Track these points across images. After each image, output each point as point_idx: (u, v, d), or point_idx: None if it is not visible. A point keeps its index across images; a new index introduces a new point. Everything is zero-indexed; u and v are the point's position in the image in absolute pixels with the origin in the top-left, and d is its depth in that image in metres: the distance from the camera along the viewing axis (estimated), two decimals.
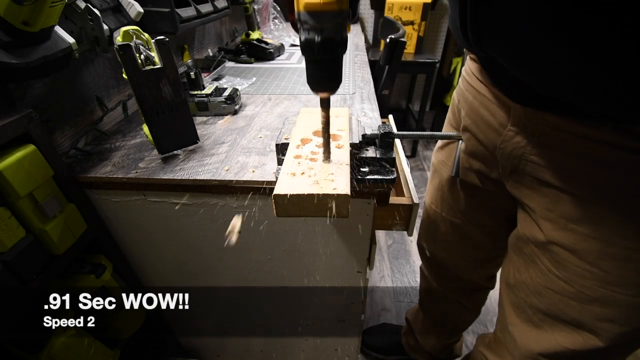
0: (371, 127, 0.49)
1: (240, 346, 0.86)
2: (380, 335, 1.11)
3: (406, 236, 1.65)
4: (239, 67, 1.07)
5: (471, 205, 0.64)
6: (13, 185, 0.40)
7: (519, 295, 0.54)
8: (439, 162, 0.67)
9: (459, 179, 0.61)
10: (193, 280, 0.68)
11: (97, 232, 0.56)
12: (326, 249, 0.58)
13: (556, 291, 0.48)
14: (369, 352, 1.09)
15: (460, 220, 0.67)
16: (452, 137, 0.47)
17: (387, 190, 0.48)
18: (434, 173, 0.71)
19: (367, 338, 1.10)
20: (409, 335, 1.01)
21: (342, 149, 0.42)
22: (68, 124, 0.57)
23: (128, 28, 0.48)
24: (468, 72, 0.55)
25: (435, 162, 0.70)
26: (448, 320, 0.88)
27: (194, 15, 0.82)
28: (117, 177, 0.51)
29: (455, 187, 0.64)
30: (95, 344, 0.58)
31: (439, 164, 0.68)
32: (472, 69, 0.54)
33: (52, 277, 0.48)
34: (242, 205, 0.53)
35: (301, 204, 0.35)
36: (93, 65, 0.62)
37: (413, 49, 2.04)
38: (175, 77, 0.50)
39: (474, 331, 1.22)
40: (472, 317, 0.87)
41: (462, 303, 0.82)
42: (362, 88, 0.84)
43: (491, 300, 0.99)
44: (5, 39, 0.39)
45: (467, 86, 0.55)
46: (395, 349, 1.06)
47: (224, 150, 0.57)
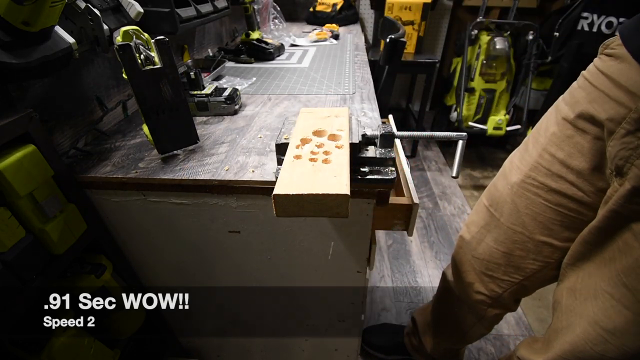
0: (371, 127, 0.49)
1: (240, 346, 0.86)
2: (381, 334, 1.12)
3: (406, 236, 1.65)
4: (239, 67, 1.07)
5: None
6: (13, 185, 0.40)
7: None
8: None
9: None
10: (193, 280, 0.68)
11: (97, 232, 0.56)
12: (326, 249, 0.58)
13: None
14: (370, 351, 1.10)
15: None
16: (452, 138, 0.47)
17: (387, 190, 0.48)
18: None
19: (367, 337, 1.11)
20: (412, 335, 1.01)
21: (342, 149, 0.42)
22: (68, 124, 0.57)
23: (128, 28, 0.48)
24: (591, 72, 0.56)
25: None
26: (458, 329, 0.87)
27: (194, 15, 0.82)
28: (117, 177, 0.51)
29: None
30: (95, 344, 0.58)
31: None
32: (598, 66, 0.54)
33: (52, 277, 0.48)
34: (242, 205, 0.53)
35: (301, 204, 0.35)
36: (93, 65, 0.62)
37: (413, 49, 2.04)
38: (175, 77, 0.50)
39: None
40: (484, 332, 0.85)
41: (480, 315, 0.80)
42: (362, 88, 0.84)
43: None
44: (5, 39, 0.39)
45: (586, 84, 0.56)
46: (396, 348, 1.07)
47: (224, 150, 0.57)
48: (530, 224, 0.65)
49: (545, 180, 0.62)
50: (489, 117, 2.00)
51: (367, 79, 0.92)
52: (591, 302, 0.56)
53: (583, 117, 0.55)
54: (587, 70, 0.58)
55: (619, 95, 0.49)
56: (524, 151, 0.67)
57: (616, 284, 0.51)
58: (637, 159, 0.46)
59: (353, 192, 0.39)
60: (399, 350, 1.07)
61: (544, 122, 0.65)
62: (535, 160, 0.63)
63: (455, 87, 2.11)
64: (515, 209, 0.66)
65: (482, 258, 0.74)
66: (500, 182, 0.71)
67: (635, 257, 0.49)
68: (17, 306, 0.43)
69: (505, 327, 1.22)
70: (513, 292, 0.73)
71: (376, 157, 0.45)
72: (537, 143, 0.65)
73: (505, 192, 0.68)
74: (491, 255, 0.72)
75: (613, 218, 0.51)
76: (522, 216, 0.65)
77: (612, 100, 0.51)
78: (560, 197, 0.60)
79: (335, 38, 1.48)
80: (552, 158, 0.61)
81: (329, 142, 0.43)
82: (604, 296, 0.53)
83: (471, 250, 0.76)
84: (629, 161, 0.47)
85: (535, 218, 0.64)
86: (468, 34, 1.93)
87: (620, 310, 0.51)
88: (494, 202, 0.71)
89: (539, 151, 0.63)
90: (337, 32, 1.52)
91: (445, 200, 1.89)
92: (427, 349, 0.96)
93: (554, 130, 0.61)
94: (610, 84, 0.51)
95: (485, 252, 0.73)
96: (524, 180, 0.65)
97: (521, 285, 0.71)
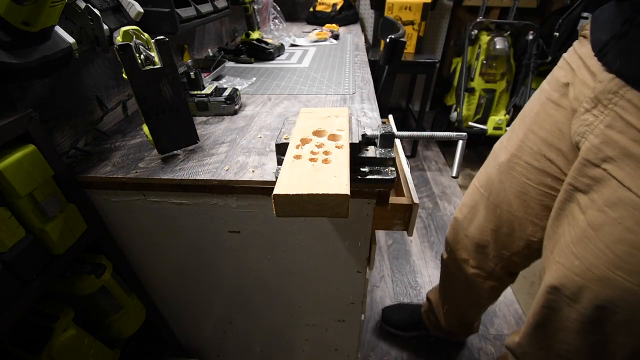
0: (371, 127, 0.49)
1: (240, 346, 0.86)
2: (398, 312, 1.20)
3: (406, 236, 1.65)
4: (239, 67, 1.07)
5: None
6: (13, 185, 0.40)
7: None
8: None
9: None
10: (193, 280, 0.68)
11: (97, 232, 0.56)
12: (326, 249, 0.58)
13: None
14: (388, 329, 1.19)
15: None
16: (452, 138, 0.47)
17: (387, 190, 0.48)
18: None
19: (386, 315, 1.21)
20: (430, 313, 1.09)
21: (342, 149, 0.42)
22: (68, 124, 0.57)
23: (128, 28, 0.48)
24: (570, 52, 0.59)
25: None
26: (462, 304, 0.94)
27: (194, 15, 0.82)
28: (117, 177, 0.51)
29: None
30: (95, 344, 0.58)
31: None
32: (575, 46, 0.58)
33: (52, 277, 0.48)
34: (242, 205, 0.53)
35: (301, 204, 0.35)
36: (93, 65, 0.62)
37: (413, 49, 2.04)
38: (175, 77, 0.50)
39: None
40: (486, 303, 0.90)
41: (478, 288, 0.85)
42: (362, 88, 0.84)
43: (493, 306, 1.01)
44: (5, 39, 0.39)
45: (566, 65, 0.59)
46: (413, 325, 1.16)
47: (224, 150, 0.57)
48: (514, 202, 0.68)
49: (528, 160, 0.65)
50: (489, 117, 2.00)
51: (367, 79, 0.92)
52: (547, 274, 0.59)
53: (562, 96, 0.58)
54: (567, 51, 0.61)
55: (585, 75, 0.52)
56: (512, 132, 0.71)
57: (566, 255, 0.54)
58: (590, 134, 0.49)
59: (353, 192, 0.39)
60: (416, 326, 1.15)
61: (530, 104, 0.69)
62: (521, 140, 0.66)
63: (455, 87, 2.11)
64: (502, 187, 0.70)
65: (473, 236, 0.79)
66: (490, 163, 0.75)
67: (582, 227, 0.51)
68: (17, 306, 0.43)
69: (505, 327, 1.22)
70: (504, 266, 0.77)
71: (376, 157, 0.45)
72: (523, 123, 0.68)
73: (494, 172, 0.72)
74: (481, 233, 0.77)
75: (568, 191, 0.54)
76: (508, 195, 0.69)
77: (579, 80, 0.54)
78: (541, 175, 0.63)
79: (335, 38, 1.48)
80: (535, 137, 0.64)
81: (329, 142, 0.43)
82: (557, 265, 0.56)
83: (463, 230, 0.81)
84: (584, 136, 0.50)
85: (519, 197, 0.67)
86: (468, 34, 1.93)
87: (571, 279, 0.54)
88: (484, 183, 0.75)
89: (524, 131, 0.66)
90: (337, 32, 1.52)
91: (445, 200, 1.89)
92: (443, 324, 1.03)
93: (537, 110, 0.64)
94: (580, 64, 0.54)
95: (476, 231, 0.78)
96: (510, 159, 0.68)
97: (511, 260, 0.75)
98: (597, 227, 0.49)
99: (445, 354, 1.14)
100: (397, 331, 1.18)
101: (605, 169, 0.47)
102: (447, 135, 0.45)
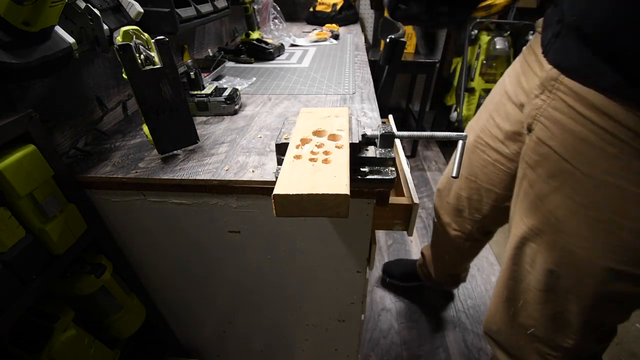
0: (371, 127, 0.49)
1: (240, 346, 0.86)
2: (398, 266, 1.40)
3: (406, 236, 1.66)
4: (239, 67, 1.07)
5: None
6: (13, 185, 0.40)
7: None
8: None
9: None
10: (193, 280, 0.68)
11: (97, 232, 0.56)
12: (326, 249, 0.58)
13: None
14: (389, 280, 1.38)
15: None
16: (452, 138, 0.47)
17: (387, 190, 0.48)
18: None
19: (387, 269, 1.40)
20: (423, 266, 1.26)
21: (341, 149, 0.42)
22: (68, 124, 0.57)
23: (128, 28, 0.48)
24: (526, 47, 0.68)
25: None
26: (449, 259, 1.11)
27: (194, 15, 0.82)
28: (117, 177, 0.51)
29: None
30: (95, 344, 0.58)
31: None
32: (530, 41, 0.67)
33: (52, 277, 0.48)
34: (242, 205, 0.53)
35: (301, 204, 0.35)
36: (93, 65, 0.62)
37: (413, 49, 2.04)
38: (175, 77, 0.50)
39: (474, 331, 1.22)
40: (468, 258, 1.10)
41: (460, 247, 1.01)
42: (362, 88, 0.84)
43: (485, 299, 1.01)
44: (5, 39, 0.39)
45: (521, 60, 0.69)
46: (410, 276, 1.35)
47: (224, 150, 0.57)
48: (479, 174, 0.82)
49: (488, 140, 0.78)
50: None
51: (367, 79, 0.92)
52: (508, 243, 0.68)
53: (516, 89, 0.68)
54: (526, 45, 0.69)
55: (535, 67, 0.61)
56: (479, 115, 0.84)
57: (520, 226, 0.63)
58: (541, 116, 0.56)
59: (353, 192, 0.39)
60: (413, 278, 1.34)
61: (494, 91, 0.80)
62: (484, 123, 0.80)
63: (455, 87, 2.11)
64: (470, 163, 0.84)
65: (452, 203, 0.94)
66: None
67: (531, 199, 0.60)
68: (17, 306, 0.43)
69: None
70: (479, 228, 0.92)
71: (376, 157, 0.45)
72: (486, 109, 0.81)
73: (467, 149, 0.86)
74: (458, 200, 0.92)
75: (523, 168, 0.63)
76: (475, 168, 0.83)
77: (532, 71, 0.62)
78: (496, 154, 0.76)
79: (335, 38, 1.48)
80: (493, 122, 0.76)
81: (329, 142, 0.43)
82: (513, 237, 0.65)
83: (445, 197, 0.97)
84: (536, 119, 0.57)
85: (482, 170, 0.81)
86: (468, 34, 1.93)
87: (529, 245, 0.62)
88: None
89: (486, 116, 0.79)
90: (337, 32, 1.52)
91: None
92: (433, 276, 1.20)
93: (497, 99, 0.76)
94: (533, 57, 0.63)
95: (454, 198, 0.93)
96: (476, 139, 0.82)
97: (483, 223, 0.90)
98: (542, 197, 0.57)
99: (446, 353, 1.14)
100: (398, 282, 1.37)
101: (550, 146, 0.55)
102: (447, 135, 0.45)
